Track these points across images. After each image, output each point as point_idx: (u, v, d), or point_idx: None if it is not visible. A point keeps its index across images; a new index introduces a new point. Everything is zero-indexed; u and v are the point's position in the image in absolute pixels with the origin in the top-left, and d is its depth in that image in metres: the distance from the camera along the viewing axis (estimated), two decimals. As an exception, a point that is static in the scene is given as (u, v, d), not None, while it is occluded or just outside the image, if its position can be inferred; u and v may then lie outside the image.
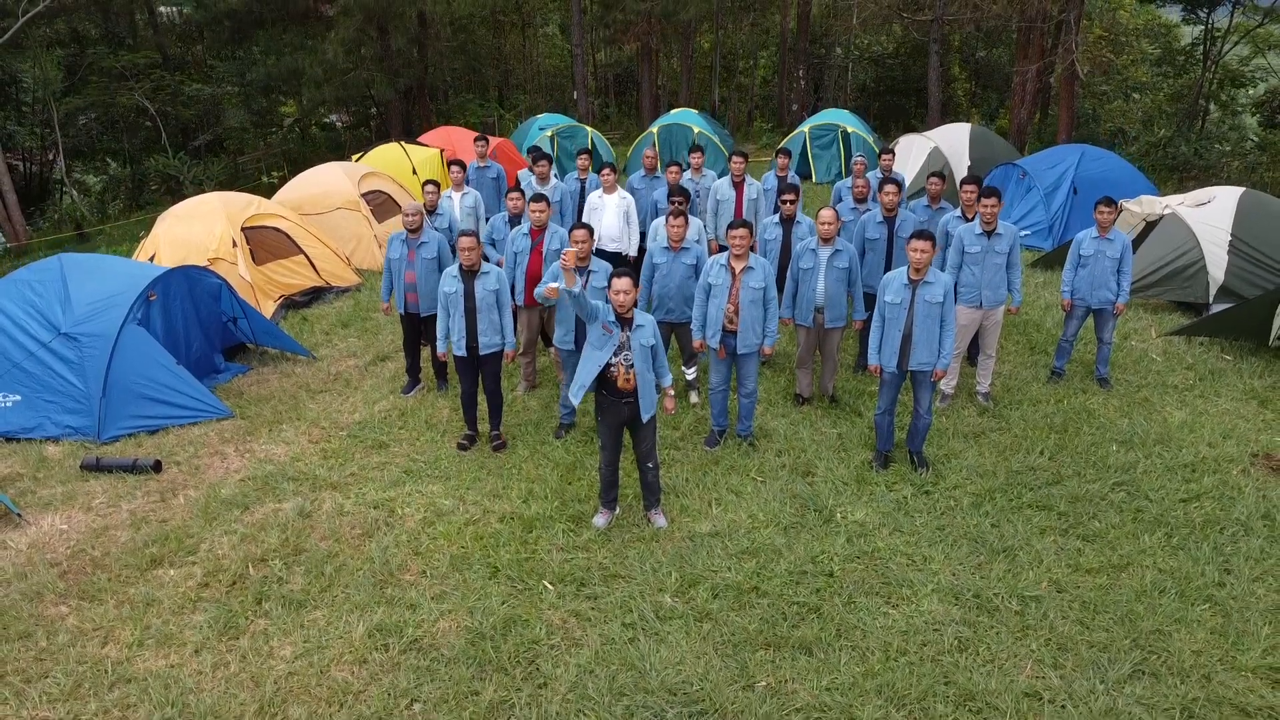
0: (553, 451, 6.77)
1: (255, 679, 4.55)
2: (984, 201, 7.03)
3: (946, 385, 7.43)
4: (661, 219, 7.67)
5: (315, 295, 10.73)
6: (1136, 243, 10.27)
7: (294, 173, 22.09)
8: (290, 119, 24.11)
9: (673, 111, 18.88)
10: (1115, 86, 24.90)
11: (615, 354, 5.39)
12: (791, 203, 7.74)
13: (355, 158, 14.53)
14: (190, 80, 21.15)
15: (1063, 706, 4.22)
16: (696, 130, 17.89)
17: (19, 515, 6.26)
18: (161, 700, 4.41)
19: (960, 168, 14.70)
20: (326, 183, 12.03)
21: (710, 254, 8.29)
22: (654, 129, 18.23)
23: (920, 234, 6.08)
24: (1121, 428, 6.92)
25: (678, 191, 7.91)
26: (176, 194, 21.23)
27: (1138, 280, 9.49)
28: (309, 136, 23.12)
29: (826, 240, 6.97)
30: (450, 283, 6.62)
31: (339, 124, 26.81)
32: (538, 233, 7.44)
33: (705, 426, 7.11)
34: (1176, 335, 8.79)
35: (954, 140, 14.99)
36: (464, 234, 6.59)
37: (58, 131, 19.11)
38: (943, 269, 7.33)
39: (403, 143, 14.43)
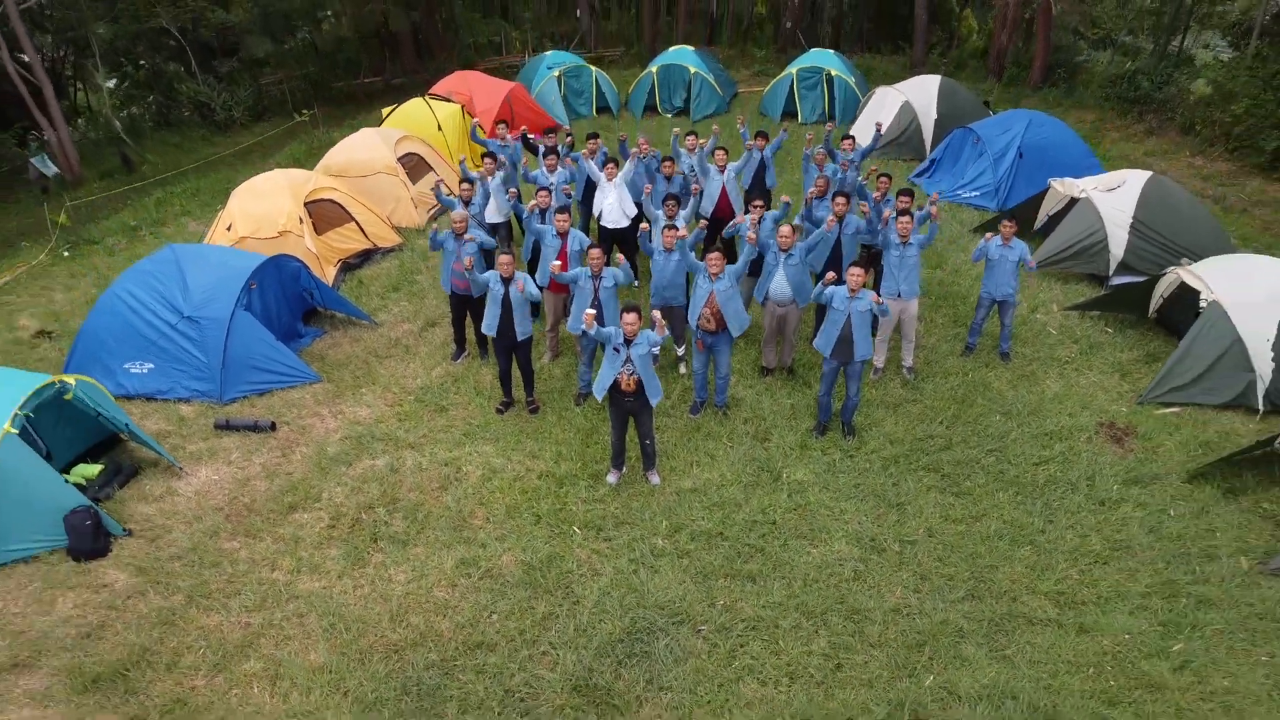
0: (575, 418, 8.71)
1: (383, 596, 6.65)
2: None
3: (878, 361, 9.30)
4: (659, 222, 9.30)
5: (365, 257, 12.41)
6: (1059, 217, 11.88)
7: (318, 97, 23.07)
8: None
9: (670, 50, 19.75)
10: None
11: (622, 365, 7.24)
12: (760, 206, 9.33)
13: (386, 113, 15.79)
14: (212, 7, 21.77)
15: (915, 618, 6.33)
16: (693, 72, 18.88)
17: (180, 468, 8.26)
18: (324, 611, 6.53)
19: (928, 120, 15.97)
20: (367, 149, 13.43)
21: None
22: (653, 69, 19.20)
23: (857, 263, 7.83)
24: (1007, 399, 8.85)
25: (669, 196, 9.48)
26: (208, 119, 22.33)
27: (1053, 254, 11.17)
28: (327, 58, 23.85)
29: (784, 250, 8.67)
30: (494, 286, 8.35)
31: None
32: (564, 235, 9.11)
33: (690, 396, 9.02)
34: (1074, 310, 10.58)
35: (923, 93, 16.18)
36: (502, 253, 8.29)
37: (98, 55, 20.04)
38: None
39: (427, 98, 15.61)
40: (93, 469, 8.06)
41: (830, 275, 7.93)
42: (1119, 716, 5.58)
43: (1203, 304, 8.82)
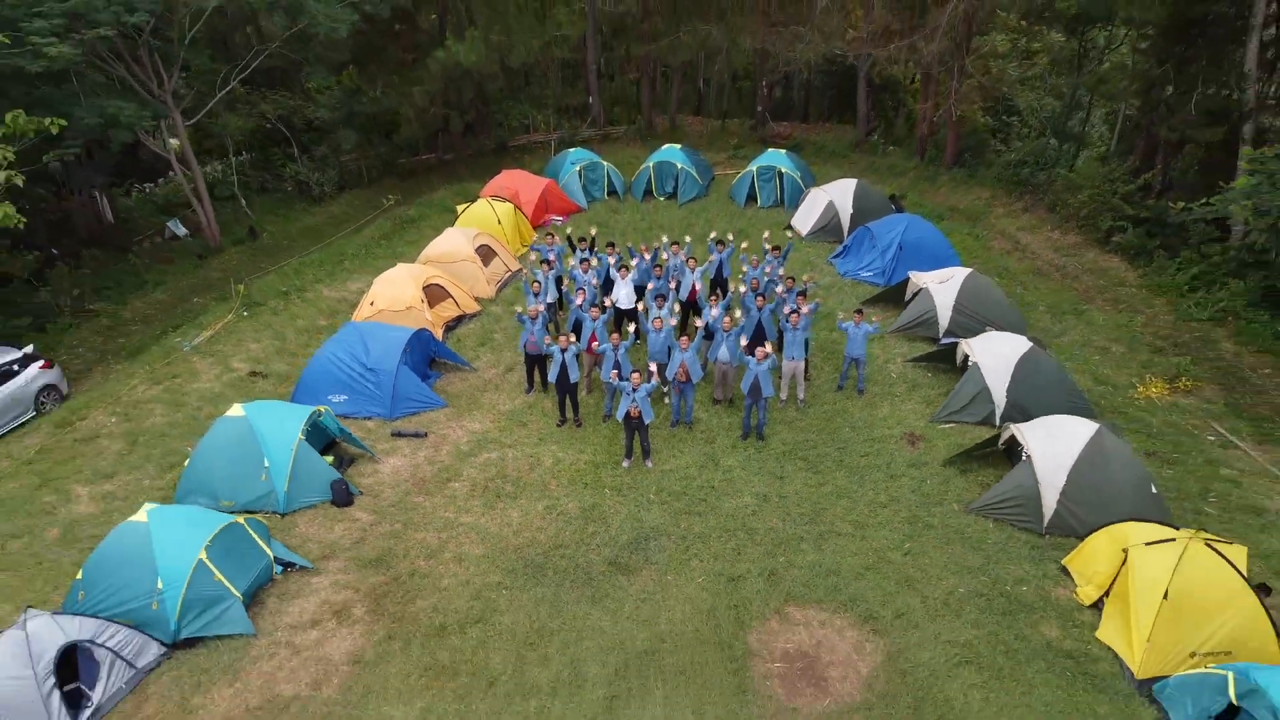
0: (603, 430, 14.67)
1: (506, 523, 12.60)
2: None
3: (783, 395, 15.24)
4: (652, 310, 15.26)
5: (459, 321, 18.37)
6: (911, 299, 17.85)
7: (386, 172, 28.98)
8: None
9: (662, 149, 25.72)
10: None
11: (630, 401, 13.18)
12: (718, 296, 15.27)
13: (461, 209, 21.78)
14: (313, 106, 27.71)
15: (780, 533, 12.27)
16: (680, 167, 24.86)
17: (376, 457, 14.20)
18: (477, 531, 12.48)
19: (845, 214, 21.94)
20: (453, 244, 19.38)
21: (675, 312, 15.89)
22: (650, 164, 25.18)
23: (761, 342, 13.85)
24: (855, 418, 14.80)
25: (659, 294, 15.45)
26: (305, 194, 28.28)
27: (904, 324, 17.14)
28: (393, 141, 29.80)
29: (726, 330, 14.64)
30: (556, 352, 14.28)
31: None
32: (597, 317, 15.04)
33: (670, 417, 14.95)
34: (911, 362, 16.54)
35: (844, 194, 22.15)
36: (562, 335, 14.25)
37: (231, 155, 26.02)
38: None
39: (490, 200, 21.57)
40: (327, 459, 14.01)
41: (754, 348, 13.88)
42: (870, 575, 11.53)
43: (970, 363, 14.79)
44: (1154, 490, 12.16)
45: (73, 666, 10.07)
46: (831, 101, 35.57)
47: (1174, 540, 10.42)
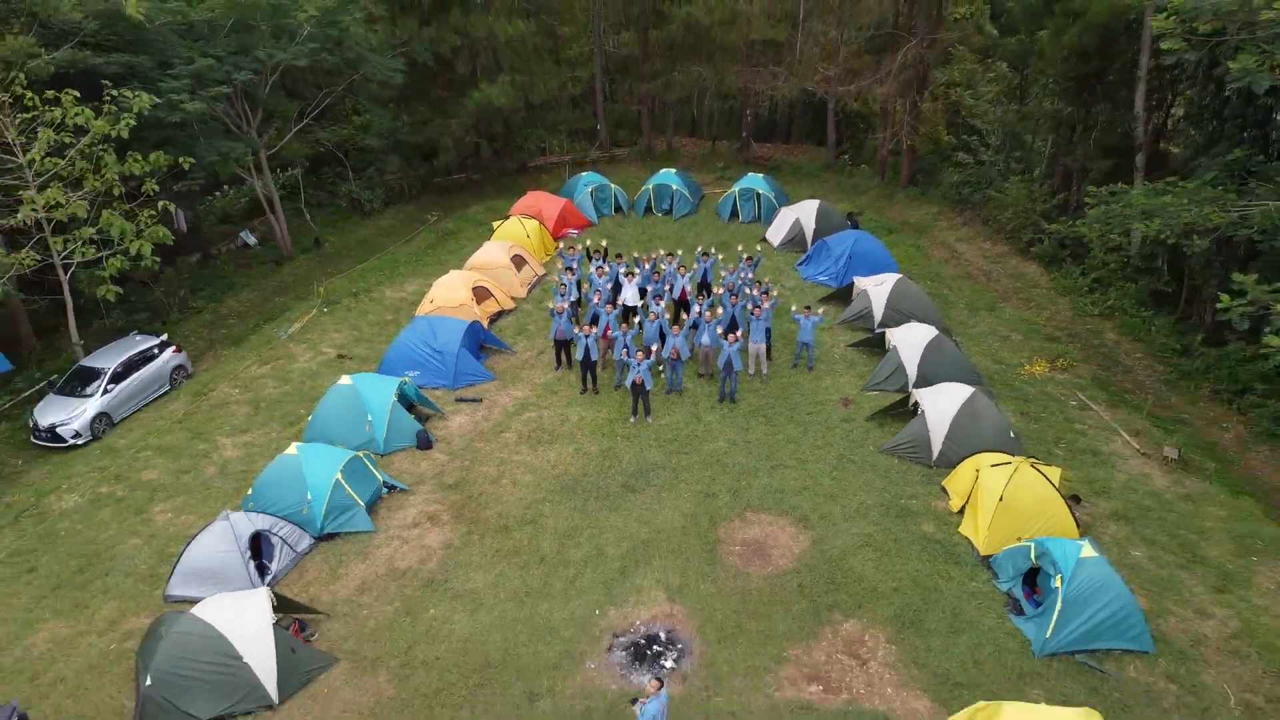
0: (614, 395, 19.27)
1: (546, 460, 17.20)
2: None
3: (750, 370, 19.83)
4: (652, 306, 19.87)
5: (499, 315, 22.95)
6: (852, 298, 22.42)
7: (424, 189, 33.55)
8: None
9: (660, 172, 30.33)
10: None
11: (635, 373, 17.77)
12: (704, 297, 19.88)
13: (496, 225, 26.37)
14: (364, 134, 32.31)
15: (743, 466, 16.84)
16: (674, 188, 29.45)
17: (444, 415, 18.80)
18: (526, 464, 17.09)
19: (809, 229, 26.51)
20: (493, 255, 23.97)
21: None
22: (649, 186, 29.78)
23: (732, 329, 18.47)
24: (805, 388, 19.39)
25: (657, 295, 20.06)
26: (357, 209, 32.85)
27: (847, 317, 21.73)
28: (434, 168, 34.41)
29: (708, 321, 19.23)
30: (580, 338, 18.86)
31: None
32: (610, 311, 19.63)
33: (664, 386, 19.53)
34: (852, 346, 21.11)
35: (807, 213, 26.73)
36: (585, 325, 18.85)
37: (301, 182, 30.65)
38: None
39: (520, 218, 26.15)
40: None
41: (728, 334, 18.48)
42: (805, 493, 16.11)
43: (890, 346, 19.39)
44: (1012, 435, 16.77)
45: (257, 548, 14.66)
46: (809, 124, 40.15)
47: (1010, 463, 15.02)
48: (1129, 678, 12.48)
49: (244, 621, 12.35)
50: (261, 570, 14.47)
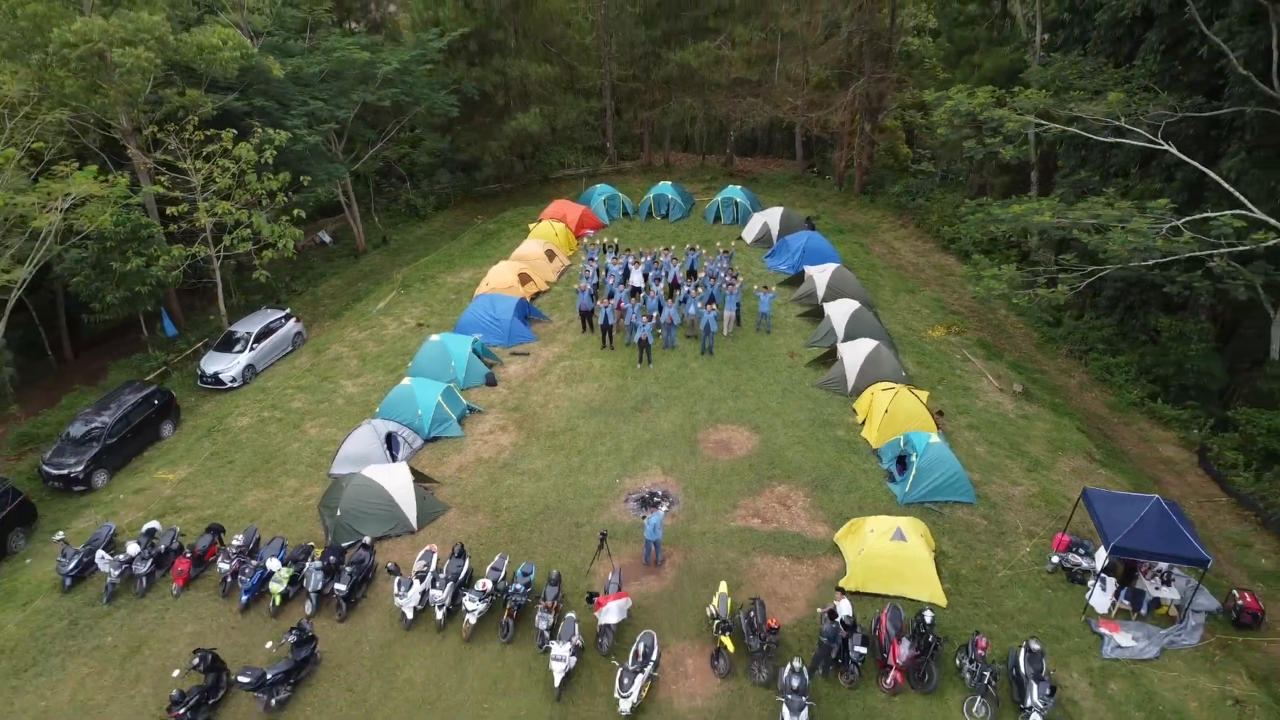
0: (626, 349, 26.14)
1: (581, 394, 24.10)
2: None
3: (726, 331, 26.70)
4: (653, 286, 26.78)
5: (538, 294, 29.83)
6: (803, 281, 29.32)
7: (467, 195, 40.48)
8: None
9: (659, 184, 37.19)
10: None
11: (641, 333, 24.66)
12: (691, 278, 26.79)
13: (531, 227, 33.27)
14: (417, 151, 39.18)
15: (716, 395, 23.74)
16: (670, 197, 36.34)
17: (503, 364, 25.71)
18: (568, 397, 23.99)
19: (775, 229, 33.36)
20: (531, 249, 30.86)
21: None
22: (650, 195, 36.67)
23: (711, 302, 25.41)
24: (763, 345, 26.26)
25: (658, 279, 26.97)
26: (414, 213, 39.75)
27: (797, 296, 28.62)
28: (474, 180, 41.32)
29: (694, 297, 26.14)
30: (600, 309, 25.74)
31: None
32: (621, 290, 26.56)
33: (661, 343, 26.41)
34: (799, 316, 27.98)
35: (774, 217, 33.59)
36: (603, 299, 25.76)
37: (371, 190, 37.52)
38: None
39: (551, 222, 33.03)
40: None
41: (708, 306, 25.38)
42: (758, 413, 23.00)
43: (826, 315, 26.29)
44: (904, 374, 23.70)
45: (390, 443, 21.55)
46: (782, 142, 47.04)
47: (894, 388, 21.92)
48: (957, 517, 19.38)
49: (394, 480, 19.24)
50: (392, 459, 21.36)
